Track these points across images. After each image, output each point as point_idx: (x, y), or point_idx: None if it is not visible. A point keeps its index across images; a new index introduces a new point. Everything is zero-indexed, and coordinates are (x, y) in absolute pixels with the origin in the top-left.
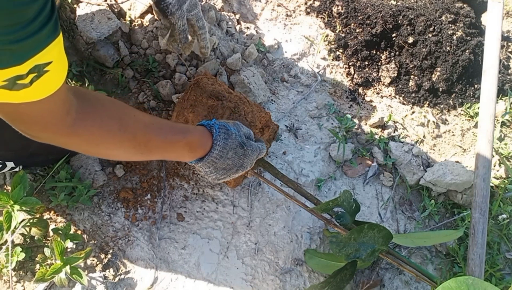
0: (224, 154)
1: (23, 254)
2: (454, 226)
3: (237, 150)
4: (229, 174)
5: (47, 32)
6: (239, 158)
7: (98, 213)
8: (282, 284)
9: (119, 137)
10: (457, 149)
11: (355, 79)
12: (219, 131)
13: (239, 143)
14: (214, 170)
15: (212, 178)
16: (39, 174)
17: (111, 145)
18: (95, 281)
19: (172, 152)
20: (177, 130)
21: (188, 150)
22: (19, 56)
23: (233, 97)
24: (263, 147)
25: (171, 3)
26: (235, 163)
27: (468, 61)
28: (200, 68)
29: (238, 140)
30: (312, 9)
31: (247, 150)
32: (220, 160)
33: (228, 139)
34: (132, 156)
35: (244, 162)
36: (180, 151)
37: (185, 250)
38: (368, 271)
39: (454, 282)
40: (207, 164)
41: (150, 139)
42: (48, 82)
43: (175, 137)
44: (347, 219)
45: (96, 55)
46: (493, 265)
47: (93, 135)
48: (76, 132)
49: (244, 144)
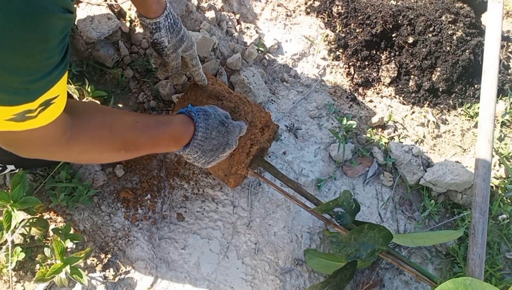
0: (208, 134)
1: (23, 254)
2: (454, 226)
3: (219, 128)
4: (217, 154)
5: (60, 70)
6: (223, 136)
7: (98, 213)
8: (282, 284)
9: (110, 142)
10: (457, 149)
11: (355, 79)
12: (198, 114)
13: (219, 121)
14: (202, 154)
15: (201, 163)
16: (39, 174)
17: (102, 150)
18: (95, 281)
19: (159, 145)
20: (160, 123)
21: (173, 140)
22: (33, 94)
23: (233, 97)
24: (243, 124)
25: (167, 46)
26: (220, 141)
27: (468, 61)
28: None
29: (218, 118)
30: (312, 9)
31: (229, 126)
32: (205, 141)
33: (208, 119)
34: (123, 156)
35: (229, 139)
36: (166, 142)
37: (185, 250)
38: (368, 271)
39: (452, 283)
40: (193, 148)
41: (138, 138)
42: (53, 112)
43: (160, 131)
44: (347, 219)
45: (96, 55)
46: (493, 265)
47: (86, 146)
48: (71, 147)
49: (224, 122)
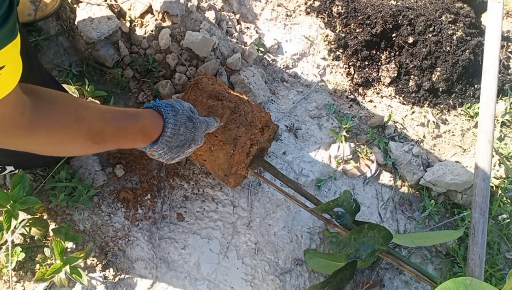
0: (176, 130)
1: (23, 254)
2: (454, 226)
3: (187, 124)
4: (183, 151)
5: (1, 35)
6: (190, 132)
7: (98, 213)
8: (282, 284)
9: (76, 130)
10: (457, 149)
11: (355, 79)
12: (167, 109)
13: (187, 117)
14: (169, 150)
15: (166, 159)
16: (39, 174)
17: (68, 140)
18: (95, 281)
19: (127, 139)
20: (129, 115)
21: (142, 135)
22: None
23: (233, 97)
24: (211, 120)
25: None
26: (187, 137)
27: (468, 61)
28: (200, 68)
29: (186, 114)
30: (312, 9)
31: (196, 122)
32: (173, 137)
33: (177, 115)
34: (89, 148)
35: (195, 135)
36: (135, 136)
37: (185, 250)
38: (368, 271)
39: (452, 283)
40: (161, 145)
41: (105, 128)
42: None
43: (128, 123)
44: (347, 219)
45: (96, 55)
46: (493, 265)
47: (50, 132)
48: (33, 132)
49: (192, 117)
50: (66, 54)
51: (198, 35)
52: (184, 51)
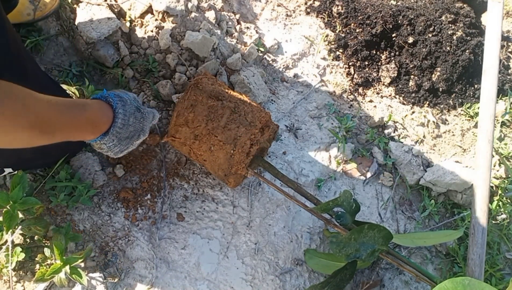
0: (126, 121)
1: (23, 254)
2: (454, 226)
3: (136, 115)
4: (132, 142)
5: None
6: (139, 122)
7: (98, 213)
8: (282, 284)
9: (23, 118)
10: (457, 149)
11: (355, 79)
12: (116, 99)
13: (135, 107)
14: (118, 142)
15: (115, 152)
16: (39, 174)
17: (16, 127)
18: (95, 281)
19: (77, 129)
20: (77, 105)
21: (91, 126)
22: None
23: (233, 97)
24: (155, 112)
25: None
26: (136, 128)
27: (468, 61)
28: (200, 68)
29: (134, 104)
30: (312, 9)
31: (144, 112)
32: (123, 128)
33: (126, 105)
34: (37, 138)
35: (144, 126)
36: (84, 127)
37: (185, 250)
38: (368, 271)
39: (450, 283)
40: (111, 136)
41: (53, 118)
42: None
43: (77, 113)
44: (347, 219)
45: (96, 55)
46: (493, 265)
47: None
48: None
49: (140, 107)
50: (66, 54)
51: (198, 35)
52: (184, 51)
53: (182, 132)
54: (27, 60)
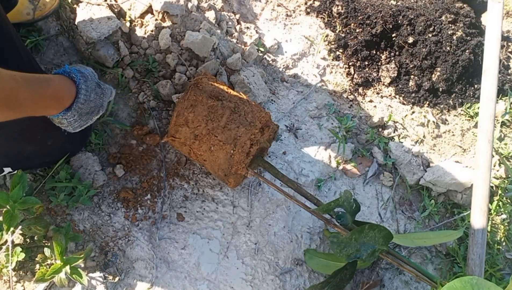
0: (88, 97)
1: (23, 254)
2: (454, 226)
3: (96, 90)
4: (91, 118)
5: None
6: (99, 98)
7: (98, 213)
8: (282, 284)
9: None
10: (457, 149)
11: (355, 79)
12: (78, 75)
13: (96, 83)
14: (79, 117)
15: (74, 127)
16: (39, 174)
17: None
18: (95, 281)
19: (41, 105)
20: (42, 80)
21: (55, 101)
22: None
23: (233, 97)
24: (112, 88)
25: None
26: (96, 104)
27: (468, 61)
28: (200, 68)
29: (94, 80)
30: (312, 9)
31: (103, 88)
32: (85, 104)
33: (87, 81)
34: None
35: (103, 102)
36: (48, 102)
37: (185, 250)
38: (368, 271)
39: (459, 282)
40: (74, 112)
41: (18, 92)
42: None
43: (42, 88)
44: (347, 219)
45: (96, 55)
46: (493, 265)
47: None
48: None
49: (99, 83)
50: (66, 54)
51: (198, 35)
52: (184, 51)
53: (182, 132)
54: (24, 56)
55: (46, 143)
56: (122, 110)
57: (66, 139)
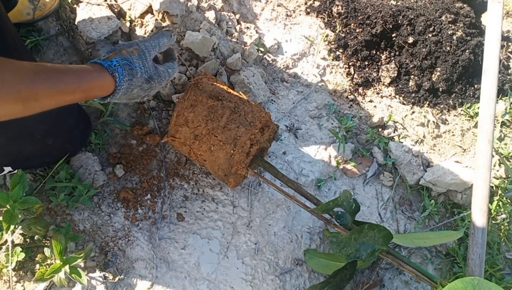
0: (128, 91)
1: (23, 254)
2: (454, 226)
3: (143, 86)
4: (132, 99)
5: None
6: (144, 91)
7: (98, 213)
8: (282, 284)
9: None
10: (457, 149)
11: (355, 79)
12: (123, 74)
13: (145, 79)
14: (116, 100)
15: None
16: (39, 174)
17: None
18: (95, 281)
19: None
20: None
21: (85, 96)
22: None
23: (233, 97)
24: (173, 69)
25: None
26: (139, 94)
27: (468, 61)
28: (200, 68)
29: (145, 76)
30: (312, 9)
31: (154, 83)
32: (123, 96)
33: (133, 79)
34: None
35: (149, 93)
36: (76, 96)
37: (185, 250)
38: (368, 271)
39: (460, 282)
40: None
41: (38, 92)
42: None
43: (68, 87)
44: (347, 219)
45: (96, 55)
46: (493, 265)
47: None
48: None
49: (151, 78)
50: (66, 54)
51: (198, 35)
52: (184, 51)
53: (182, 132)
54: (24, 55)
55: (46, 143)
56: (122, 110)
57: (66, 139)
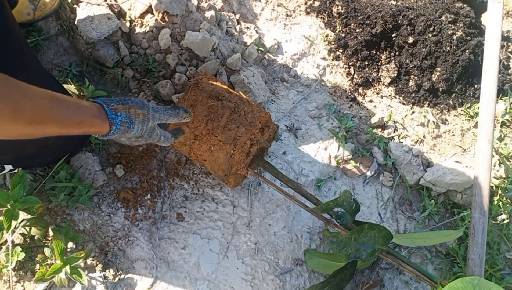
0: (116, 138)
1: (23, 254)
2: (454, 226)
3: (131, 139)
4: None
5: None
6: (130, 142)
7: (98, 213)
8: (282, 284)
9: (12, 122)
10: (457, 149)
11: (355, 79)
12: (119, 129)
13: (136, 137)
14: None
15: None
16: (39, 174)
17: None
18: (95, 281)
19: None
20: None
21: (82, 133)
22: None
23: (233, 97)
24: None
25: None
26: (125, 142)
27: (468, 61)
28: (200, 68)
29: (137, 135)
30: (312, 9)
31: (142, 139)
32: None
33: (126, 134)
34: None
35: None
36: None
37: (185, 250)
38: (368, 271)
39: (460, 282)
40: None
41: (47, 125)
42: None
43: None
44: (347, 219)
45: (96, 55)
46: (493, 265)
47: None
48: None
49: (142, 136)
50: (66, 54)
51: (198, 35)
52: (184, 51)
53: None
54: (29, 56)
55: (48, 142)
56: None
57: (67, 138)
